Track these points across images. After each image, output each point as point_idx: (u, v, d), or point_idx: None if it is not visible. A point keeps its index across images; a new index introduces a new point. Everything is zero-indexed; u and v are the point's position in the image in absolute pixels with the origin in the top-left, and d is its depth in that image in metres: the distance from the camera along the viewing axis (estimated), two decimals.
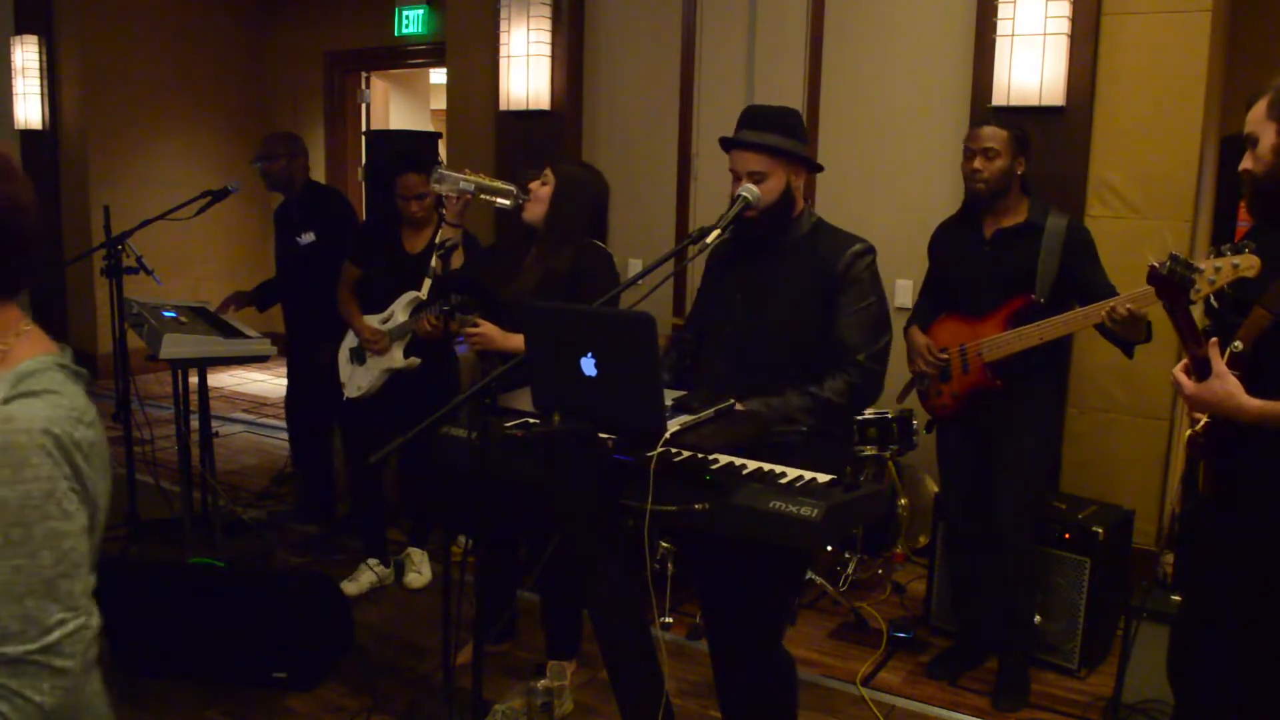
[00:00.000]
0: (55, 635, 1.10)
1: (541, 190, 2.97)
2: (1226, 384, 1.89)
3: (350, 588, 3.74)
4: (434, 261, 3.14)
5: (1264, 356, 1.95)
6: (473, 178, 3.04)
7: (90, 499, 1.19)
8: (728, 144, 2.33)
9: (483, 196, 3.04)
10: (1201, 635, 2.22)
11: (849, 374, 2.25)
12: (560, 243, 2.95)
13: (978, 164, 2.96)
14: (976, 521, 3.20)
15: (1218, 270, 1.93)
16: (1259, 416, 1.87)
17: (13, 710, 1.06)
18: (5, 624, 1.08)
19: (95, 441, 1.19)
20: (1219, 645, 2.18)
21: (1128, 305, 2.69)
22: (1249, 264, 1.93)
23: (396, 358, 3.67)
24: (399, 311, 3.68)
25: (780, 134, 2.28)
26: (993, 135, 2.95)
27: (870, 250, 2.32)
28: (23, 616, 1.08)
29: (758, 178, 2.26)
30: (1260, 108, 1.92)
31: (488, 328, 2.97)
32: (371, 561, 3.87)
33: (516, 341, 2.97)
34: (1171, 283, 1.87)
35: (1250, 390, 1.89)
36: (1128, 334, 2.78)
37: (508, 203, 3.01)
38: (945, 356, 3.11)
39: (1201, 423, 2.04)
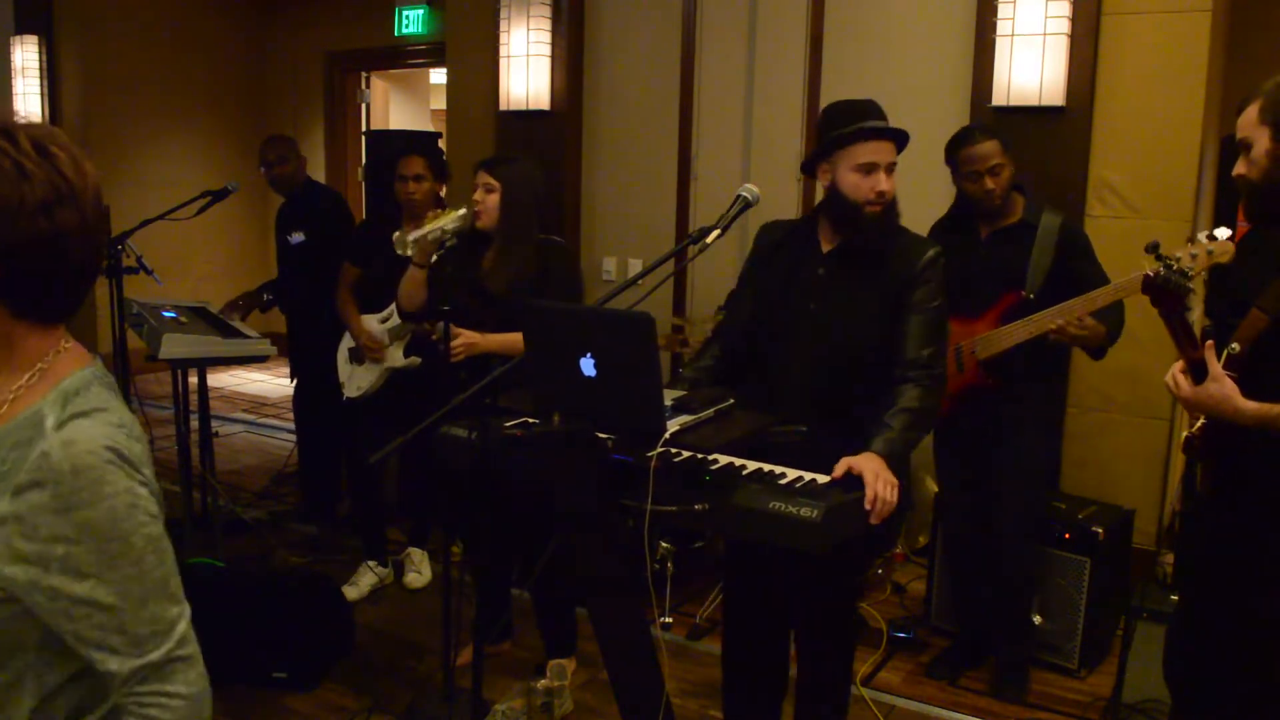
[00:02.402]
0: (182, 627, 1.13)
1: (489, 199, 3.01)
2: (1223, 387, 1.89)
3: (351, 592, 3.73)
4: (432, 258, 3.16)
5: (1261, 358, 1.95)
6: (429, 224, 3.14)
7: (159, 498, 1.22)
8: (877, 131, 2.26)
9: (449, 230, 3.11)
10: (1199, 634, 2.22)
11: (921, 382, 2.21)
12: (519, 243, 3.00)
13: (990, 184, 2.95)
14: (975, 522, 3.20)
15: (1194, 257, 1.97)
16: (1256, 419, 1.87)
17: (166, 713, 1.09)
18: (138, 632, 1.10)
19: (142, 453, 1.21)
20: (1216, 644, 2.18)
21: (1073, 325, 2.76)
22: (1223, 250, 1.96)
23: (397, 357, 3.67)
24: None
25: None
26: (994, 150, 2.95)
27: (944, 254, 2.31)
28: (151, 619, 1.11)
29: (892, 168, 2.27)
30: (1251, 112, 1.91)
31: (467, 335, 2.98)
32: (371, 562, 3.87)
33: (497, 341, 2.99)
34: (1166, 291, 1.87)
35: (1247, 392, 1.88)
36: (1078, 344, 2.83)
37: (464, 224, 3.11)
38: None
39: (1199, 424, 2.04)
